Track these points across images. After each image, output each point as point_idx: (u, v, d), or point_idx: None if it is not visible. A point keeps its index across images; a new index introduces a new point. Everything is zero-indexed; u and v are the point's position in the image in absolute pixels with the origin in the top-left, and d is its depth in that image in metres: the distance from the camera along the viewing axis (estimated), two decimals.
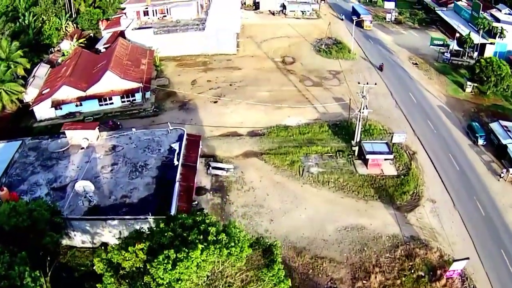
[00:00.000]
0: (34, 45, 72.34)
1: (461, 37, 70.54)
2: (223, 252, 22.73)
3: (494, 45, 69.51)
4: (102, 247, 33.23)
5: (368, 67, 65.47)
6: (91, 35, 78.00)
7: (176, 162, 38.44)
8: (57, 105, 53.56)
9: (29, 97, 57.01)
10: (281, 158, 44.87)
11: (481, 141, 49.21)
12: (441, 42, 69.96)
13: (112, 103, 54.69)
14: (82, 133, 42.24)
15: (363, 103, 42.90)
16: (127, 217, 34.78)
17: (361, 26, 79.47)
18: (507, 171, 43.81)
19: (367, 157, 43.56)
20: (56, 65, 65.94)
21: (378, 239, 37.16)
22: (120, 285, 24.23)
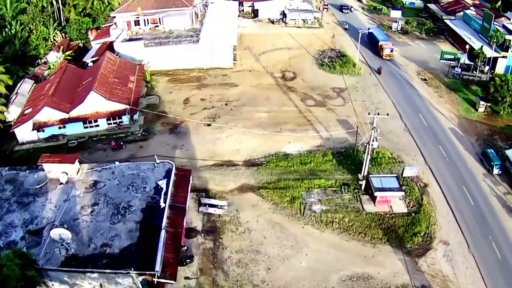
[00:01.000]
0: (20, 56, 68.33)
1: (472, 50, 66.44)
2: None
3: (506, 58, 65.51)
4: None
5: (375, 83, 61.28)
6: (80, 45, 73.85)
7: (162, 204, 34.37)
8: (38, 127, 49.50)
9: (11, 116, 52.78)
10: (280, 193, 40.74)
11: (496, 170, 45.41)
12: (452, 57, 65.65)
13: (98, 126, 50.57)
14: (61, 166, 38.25)
15: (373, 135, 38.76)
16: (108, 270, 30.94)
17: (379, 55, 69.68)
18: None
19: (376, 194, 39.55)
20: (42, 79, 61.75)
21: None
22: None
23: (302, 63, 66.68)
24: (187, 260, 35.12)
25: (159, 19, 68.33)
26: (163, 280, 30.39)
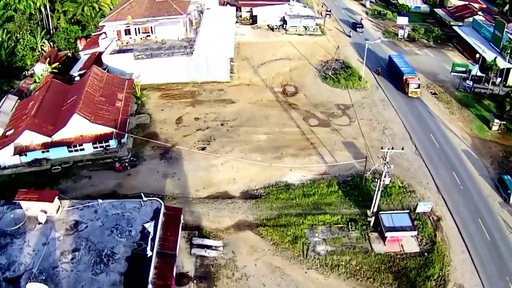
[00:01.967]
0: (6, 68, 64.54)
1: (484, 61, 62.53)
2: None
3: None
4: None
5: (382, 99, 57.36)
6: (68, 55, 69.87)
7: (149, 252, 30.73)
8: (20, 152, 45.65)
9: None
10: (281, 232, 36.93)
11: None
12: (464, 69, 61.64)
13: (83, 149, 46.68)
14: (39, 205, 34.61)
15: (385, 170, 34.96)
16: None
17: (403, 90, 58.24)
18: None
19: (386, 234, 35.89)
20: (28, 94, 57.89)
21: None
22: None
23: (304, 75, 62.69)
24: None
25: (151, 28, 64.23)
26: None
